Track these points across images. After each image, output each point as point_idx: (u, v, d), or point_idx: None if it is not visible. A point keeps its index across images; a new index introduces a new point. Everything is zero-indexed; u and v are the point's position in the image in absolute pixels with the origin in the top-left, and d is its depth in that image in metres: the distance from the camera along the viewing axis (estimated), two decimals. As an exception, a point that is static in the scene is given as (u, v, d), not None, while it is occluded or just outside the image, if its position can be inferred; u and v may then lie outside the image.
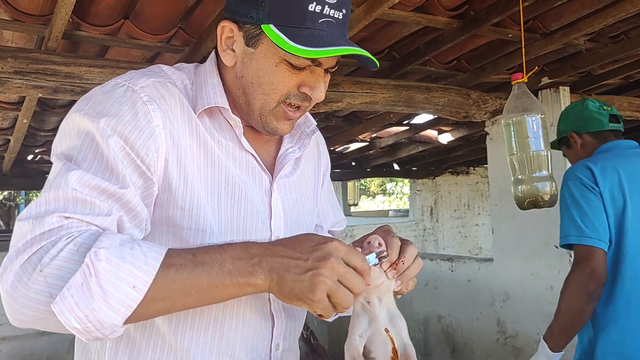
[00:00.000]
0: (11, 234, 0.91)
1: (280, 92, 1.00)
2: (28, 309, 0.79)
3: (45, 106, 3.13)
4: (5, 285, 0.80)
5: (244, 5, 0.98)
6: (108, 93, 0.96)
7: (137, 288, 0.79)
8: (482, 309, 3.80)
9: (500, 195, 3.69)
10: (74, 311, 0.77)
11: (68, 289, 0.77)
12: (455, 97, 3.23)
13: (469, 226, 7.30)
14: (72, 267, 0.78)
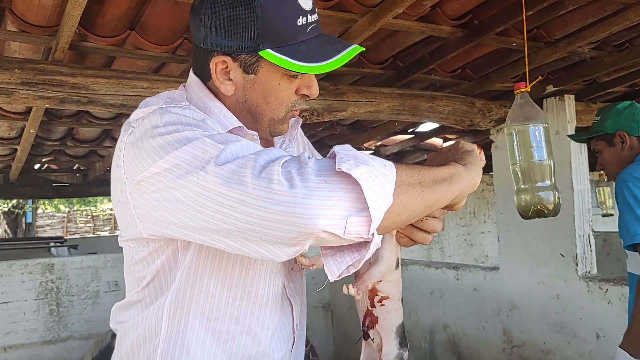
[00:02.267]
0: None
1: (286, 103, 1.07)
2: (311, 197, 0.80)
3: (52, 116, 3.16)
4: (276, 181, 0.80)
5: (233, 38, 1.01)
6: (172, 113, 0.96)
7: (388, 166, 0.86)
8: (488, 318, 3.78)
9: (505, 204, 3.68)
10: (368, 180, 0.80)
11: (355, 165, 0.81)
12: (460, 105, 3.23)
13: (475, 234, 7.27)
14: (330, 164, 0.83)
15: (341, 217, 0.80)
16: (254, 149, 0.89)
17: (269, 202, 0.80)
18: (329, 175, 0.81)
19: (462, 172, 0.98)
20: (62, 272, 4.46)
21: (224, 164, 0.84)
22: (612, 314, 3.05)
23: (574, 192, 3.33)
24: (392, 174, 0.84)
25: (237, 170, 0.83)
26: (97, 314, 4.54)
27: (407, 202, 0.87)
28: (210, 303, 1.06)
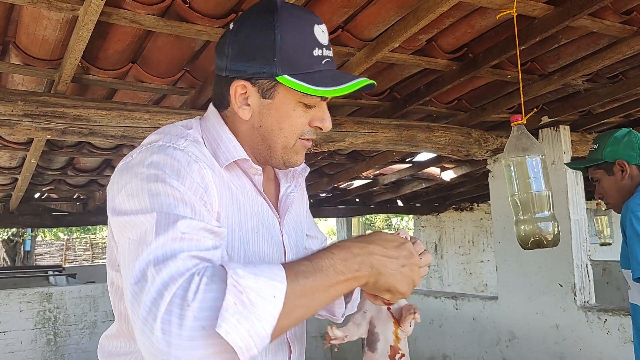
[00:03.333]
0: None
1: (299, 130, 1.12)
2: (183, 349, 0.80)
3: (53, 146, 3.19)
4: (156, 334, 0.81)
5: (253, 64, 1.08)
6: (162, 153, 1.01)
7: (277, 297, 0.85)
8: (488, 348, 3.76)
9: (503, 233, 3.69)
10: (237, 329, 0.80)
11: (226, 310, 0.80)
12: (457, 136, 3.27)
13: (474, 263, 7.26)
14: (215, 296, 0.82)
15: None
16: (187, 237, 0.90)
17: (148, 342, 0.82)
18: (207, 323, 0.81)
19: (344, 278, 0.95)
20: (60, 301, 4.45)
21: (139, 270, 0.87)
22: (611, 344, 3.04)
23: (571, 221, 3.35)
24: (278, 307, 0.84)
25: (137, 293, 0.85)
26: (94, 343, 4.48)
27: (288, 325, 0.89)
28: None
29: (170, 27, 2.01)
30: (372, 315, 1.21)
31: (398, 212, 7.63)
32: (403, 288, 1.00)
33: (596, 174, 2.25)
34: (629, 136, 2.23)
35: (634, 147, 2.19)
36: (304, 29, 1.09)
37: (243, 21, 1.11)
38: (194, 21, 2.00)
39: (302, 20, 1.09)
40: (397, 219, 27.43)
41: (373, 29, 2.22)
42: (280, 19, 1.07)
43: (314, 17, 1.12)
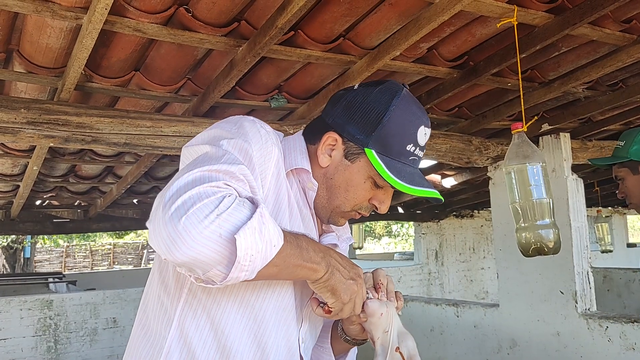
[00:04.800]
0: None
1: (359, 201, 1.21)
2: (198, 244, 0.90)
3: (55, 153, 3.20)
4: (183, 221, 0.90)
5: (355, 126, 1.18)
6: (252, 124, 1.15)
7: (276, 247, 0.96)
8: (489, 355, 3.75)
9: (504, 240, 3.69)
10: (248, 247, 0.90)
11: (248, 228, 0.91)
12: (457, 143, 3.28)
13: (475, 270, 7.25)
14: (241, 217, 0.92)
15: (207, 265, 0.92)
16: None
17: (171, 225, 0.91)
18: (226, 234, 0.91)
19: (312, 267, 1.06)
20: (60, 308, 4.44)
21: (192, 176, 0.96)
22: (612, 352, 3.04)
23: (571, 229, 3.35)
24: (273, 253, 0.96)
25: (181, 188, 0.94)
26: (95, 351, 4.50)
27: (264, 273, 0.98)
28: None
29: (174, 36, 2.02)
30: None
31: (399, 219, 7.63)
32: (345, 296, 1.11)
33: (620, 172, 2.19)
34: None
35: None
36: (411, 124, 1.17)
37: (368, 88, 1.20)
38: (197, 30, 2.01)
39: (414, 116, 1.17)
40: (397, 225, 27.44)
41: (374, 37, 2.24)
42: (398, 105, 1.16)
43: (425, 118, 1.20)
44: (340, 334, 1.35)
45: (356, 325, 1.28)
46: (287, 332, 1.18)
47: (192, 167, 1.00)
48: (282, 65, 2.46)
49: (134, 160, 3.45)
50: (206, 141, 1.10)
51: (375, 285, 1.25)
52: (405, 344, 1.22)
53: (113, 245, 26.06)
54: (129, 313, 4.60)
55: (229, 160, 1.02)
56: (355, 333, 1.30)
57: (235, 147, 1.07)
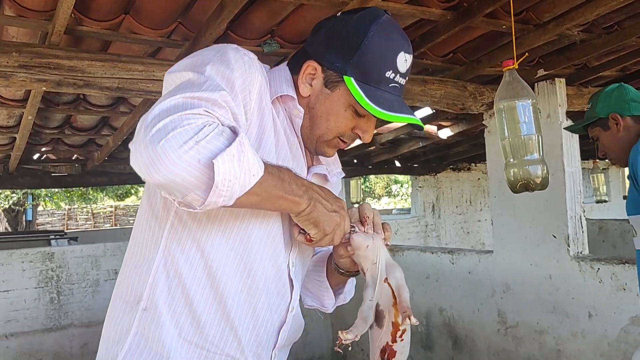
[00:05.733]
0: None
1: (340, 130, 1.21)
2: (177, 167, 0.92)
3: (49, 103, 3.20)
4: (162, 144, 0.91)
5: (334, 54, 1.18)
6: (236, 51, 1.13)
7: (255, 176, 0.97)
8: (483, 300, 3.83)
9: (499, 188, 3.73)
10: (225, 172, 0.92)
11: (227, 154, 0.93)
12: (452, 89, 3.28)
13: (471, 222, 7.32)
14: (220, 145, 0.94)
15: (185, 189, 0.94)
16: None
17: (151, 147, 0.93)
18: (204, 160, 0.92)
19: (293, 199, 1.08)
20: (62, 260, 4.51)
21: (173, 102, 0.98)
22: (603, 293, 3.10)
23: (565, 174, 3.37)
24: (252, 182, 0.97)
25: (161, 112, 0.96)
26: (98, 302, 4.59)
27: (243, 201, 1.00)
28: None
29: (162, -26, 2.00)
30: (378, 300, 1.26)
31: (396, 172, 7.67)
32: (328, 228, 1.12)
33: (594, 132, 2.28)
34: (618, 90, 2.26)
35: (625, 99, 2.21)
36: (390, 50, 1.16)
37: (348, 15, 1.20)
38: (186, -33, 1.99)
39: (394, 42, 1.17)
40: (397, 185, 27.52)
41: (366, -25, 2.22)
42: (377, 30, 1.15)
43: (406, 45, 1.20)
44: (333, 267, 1.38)
45: (346, 258, 1.30)
46: (274, 256, 1.20)
47: (175, 92, 1.00)
48: (274, 7, 2.44)
49: (128, 111, 3.45)
50: (189, 67, 1.10)
51: (361, 219, 1.27)
52: (393, 275, 1.25)
53: (115, 208, 26.22)
54: (129, 265, 4.67)
55: (211, 87, 1.02)
56: (347, 266, 1.33)
57: (218, 73, 1.07)
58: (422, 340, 4.31)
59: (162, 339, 1.12)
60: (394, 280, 1.24)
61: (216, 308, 1.14)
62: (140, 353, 1.12)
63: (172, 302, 1.13)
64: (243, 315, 1.16)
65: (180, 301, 1.13)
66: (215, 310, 1.14)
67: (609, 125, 2.21)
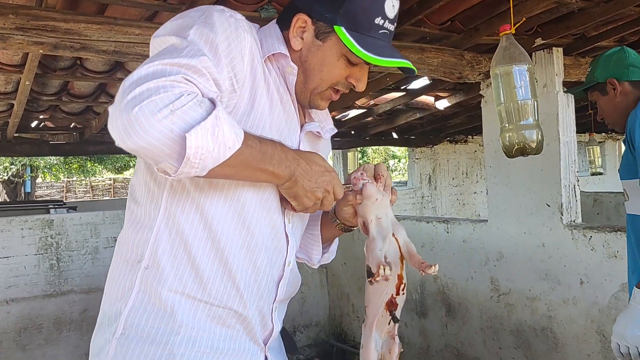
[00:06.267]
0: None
1: (334, 80, 1.23)
2: (149, 136, 0.93)
3: (46, 68, 3.20)
4: (136, 111, 0.92)
5: (323, 5, 1.20)
6: (222, 13, 1.13)
7: (231, 149, 0.99)
8: (477, 268, 3.89)
9: (494, 157, 3.75)
10: (198, 146, 0.94)
11: (201, 128, 0.94)
12: (449, 57, 3.28)
13: (467, 194, 7.37)
14: (196, 116, 0.95)
15: (157, 157, 0.96)
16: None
17: (125, 114, 0.94)
18: (178, 130, 0.93)
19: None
20: (61, 228, 4.55)
21: (152, 68, 0.98)
22: (595, 260, 3.15)
23: (560, 143, 3.40)
24: (227, 155, 0.99)
25: (138, 79, 0.96)
26: (97, 269, 4.64)
27: (218, 172, 1.03)
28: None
29: None
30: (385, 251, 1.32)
31: (393, 144, 7.67)
32: (307, 202, 1.17)
33: (593, 96, 2.28)
34: (618, 54, 2.25)
35: (624, 64, 2.20)
36: None
37: None
38: None
39: None
40: (394, 160, 27.55)
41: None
42: None
43: None
44: (331, 217, 1.44)
45: (349, 207, 1.36)
46: (269, 214, 1.24)
47: (155, 59, 1.00)
48: (271, -29, 2.43)
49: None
50: (173, 31, 1.10)
51: (375, 176, 1.35)
52: (399, 232, 1.33)
53: (113, 180, 26.25)
54: (128, 233, 4.70)
55: (191, 53, 1.03)
56: (347, 217, 1.39)
57: (201, 37, 1.07)
58: (416, 307, 4.39)
59: (165, 295, 1.15)
60: (401, 237, 1.32)
61: (218, 264, 1.17)
62: (144, 309, 1.15)
63: (174, 260, 1.16)
64: (244, 271, 1.20)
65: (183, 259, 1.16)
66: (217, 266, 1.17)
67: (606, 90, 2.20)
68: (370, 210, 1.32)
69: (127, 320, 1.15)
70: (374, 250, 1.29)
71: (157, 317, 1.15)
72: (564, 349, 3.30)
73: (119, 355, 1.13)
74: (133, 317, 1.15)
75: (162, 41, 1.10)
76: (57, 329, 4.51)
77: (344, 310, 5.31)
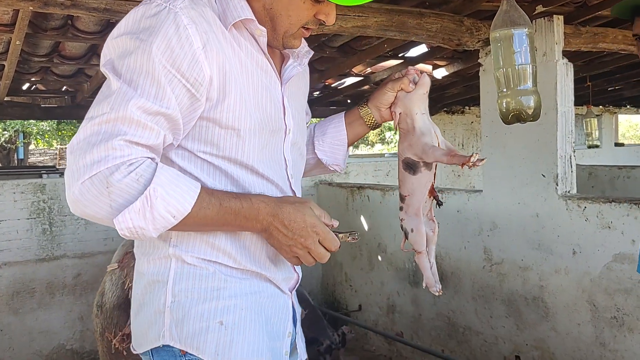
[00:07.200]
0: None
1: (304, 20, 1.23)
2: (91, 210, 1.05)
3: (37, 28, 3.12)
4: (74, 191, 1.03)
5: None
6: (154, 17, 1.11)
7: (176, 217, 1.06)
8: (470, 237, 3.90)
9: (491, 127, 3.72)
10: (129, 226, 1.03)
11: (129, 211, 1.03)
12: (448, 23, 3.22)
13: (463, 165, 7.33)
14: (133, 194, 1.03)
15: (103, 222, 1.08)
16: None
17: (69, 190, 1.07)
18: (115, 205, 1.04)
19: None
20: (53, 192, 4.52)
21: (84, 135, 1.06)
22: (589, 231, 3.15)
23: (557, 113, 3.37)
24: (172, 223, 1.08)
25: (76, 151, 1.06)
26: (90, 234, 4.63)
27: (174, 229, 1.12)
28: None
29: None
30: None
31: (389, 114, 7.59)
32: (285, 256, 1.23)
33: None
34: None
35: None
36: None
37: None
38: None
39: None
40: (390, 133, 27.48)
41: None
42: None
43: None
44: (362, 107, 1.51)
45: (391, 94, 1.44)
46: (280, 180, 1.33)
47: (97, 108, 1.07)
48: None
49: (118, 39, 3.38)
50: (116, 54, 1.12)
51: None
52: (437, 130, 1.44)
53: (106, 148, 26.11)
54: (121, 199, 4.68)
55: (128, 96, 1.06)
56: (384, 104, 1.47)
57: (140, 69, 1.08)
58: (409, 276, 4.41)
59: (199, 262, 1.23)
60: (439, 134, 1.43)
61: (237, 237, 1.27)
62: (187, 274, 1.23)
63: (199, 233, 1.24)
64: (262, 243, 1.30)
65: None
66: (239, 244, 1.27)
67: None
68: (419, 101, 1.39)
69: (174, 288, 1.20)
70: (428, 144, 1.38)
71: (202, 278, 1.21)
72: (555, 318, 3.33)
73: (176, 321, 1.19)
74: (179, 283, 1.21)
75: (110, 63, 1.13)
76: (50, 293, 4.52)
77: (337, 280, 5.33)
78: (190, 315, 1.19)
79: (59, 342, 4.54)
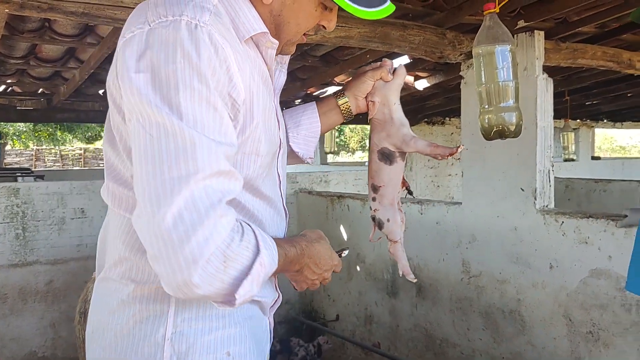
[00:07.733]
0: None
1: (309, 28, 1.19)
2: (208, 291, 0.97)
3: (14, 30, 3.06)
4: (194, 278, 0.93)
5: None
6: (192, 38, 0.97)
7: (268, 275, 1.06)
8: (449, 250, 3.90)
9: (471, 140, 3.73)
10: (247, 298, 1.01)
11: (248, 282, 1.00)
12: (431, 35, 3.23)
13: (442, 176, 7.38)
14: (246, 264, 0.99)
15: (210, 299, 1.05)
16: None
17: (180, 276, 0.97)
18: (229, 280, 0.99)
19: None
20: (27, 197, 4.42)
21: (177, 211, 0.94)
22: (566, 245, 3.17)
23: (537, 128, 3.39)
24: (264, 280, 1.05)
25: (173, 238, 0.95)
26: (64, 239, 4.53)
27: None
28: None
29: None
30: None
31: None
32: (301, 287, 1.27)
33: None
34: None
35: None
36: None
37: None
38: None
39: None
40: (371, 140, 27.59)
41: None
42: None
43: None
44: (339, 95, 1.49)
45: (369, 83, 1.42)
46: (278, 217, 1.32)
47: (175, 167, 0.92)
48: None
49: (96, 42, 3.32)
50: (158, 97, 0.94)
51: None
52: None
53: (84, 150, 25.80)
54: (97, 204, 4.59)
55: (207, 148, 0.94)
56: (361, 93, 1.45)
57: (200, 104, 0.95)
58: (387, 287, 4.39)
59: None
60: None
61: None
62: (190, 304, 1.18)
63: None
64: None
65: None
66: None
67: None
68: (395, 92, 1.40)
69: (176, 318, 1.11)
70: (408, 135, 1.40)
71: (207, 304, 1.14)
72: (531, 332, 3.34)
73: (178, 354, 1.10)
74: (182, 312, 1.12)
75: (143, 112, 0.95)
76: (22, 299, 4.41)
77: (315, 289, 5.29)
78: (196, 347, 1.10)
79: (31, 349, 4.43)
